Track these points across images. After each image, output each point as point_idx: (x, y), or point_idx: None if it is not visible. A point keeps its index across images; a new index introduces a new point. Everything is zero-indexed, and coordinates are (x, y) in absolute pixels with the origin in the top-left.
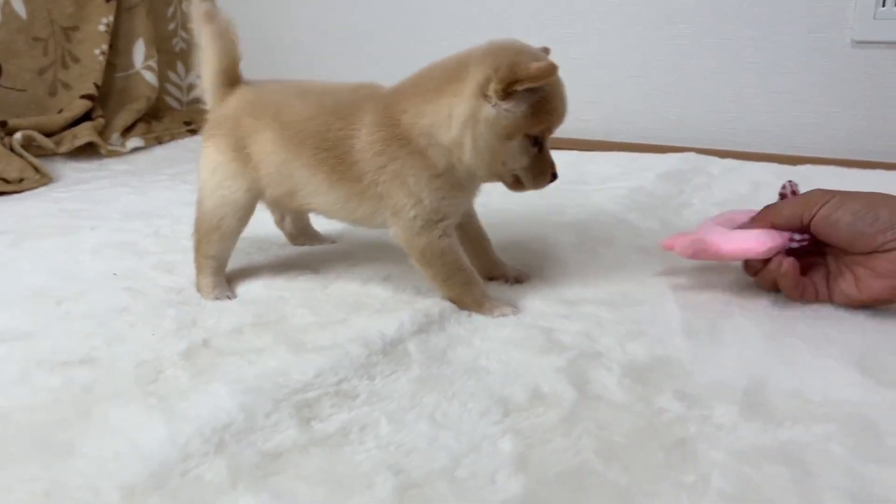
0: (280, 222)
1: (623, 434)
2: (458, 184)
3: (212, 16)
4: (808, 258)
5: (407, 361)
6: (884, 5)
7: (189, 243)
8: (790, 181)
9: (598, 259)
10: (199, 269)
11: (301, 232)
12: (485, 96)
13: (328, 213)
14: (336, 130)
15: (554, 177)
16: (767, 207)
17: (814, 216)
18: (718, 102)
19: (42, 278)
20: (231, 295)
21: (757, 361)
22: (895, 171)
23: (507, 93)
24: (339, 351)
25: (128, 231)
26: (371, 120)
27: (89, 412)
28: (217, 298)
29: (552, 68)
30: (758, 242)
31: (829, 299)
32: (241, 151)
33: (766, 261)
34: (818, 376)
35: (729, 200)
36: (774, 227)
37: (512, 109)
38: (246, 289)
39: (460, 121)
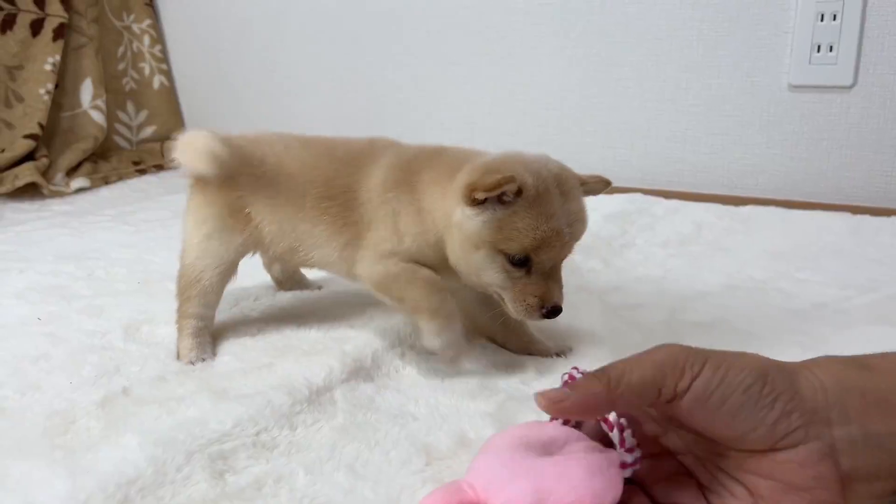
0: (268, 267)
1: None
2: (445, 265)
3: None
4: (659, 468)
5: (332, 410)
6: (819, 51)
7: (123, 286)
8: (576, 367)
9: None
10: (180, 330)
11: (288, 278)
12: (458, 198)
13: (327, 267)
14: (345, 177)
15: (548, 312)
16: (599, 372)
17: (682, 393)
18: (662, 144)
19: None
20: (209, 357)
21: None
22: (835, 212)
23: (471, 199)
24: (262, 399)
25: (58, 274)
26: (388, 163)
27: None
28: (192, 363)
29: (506, 180)
30: (591, 495)
31: None
32: (235, 210)
33: None
34: None
35: (671, 240)
36: (614, 403)
37: (472, 217)
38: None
39: (447, 216)
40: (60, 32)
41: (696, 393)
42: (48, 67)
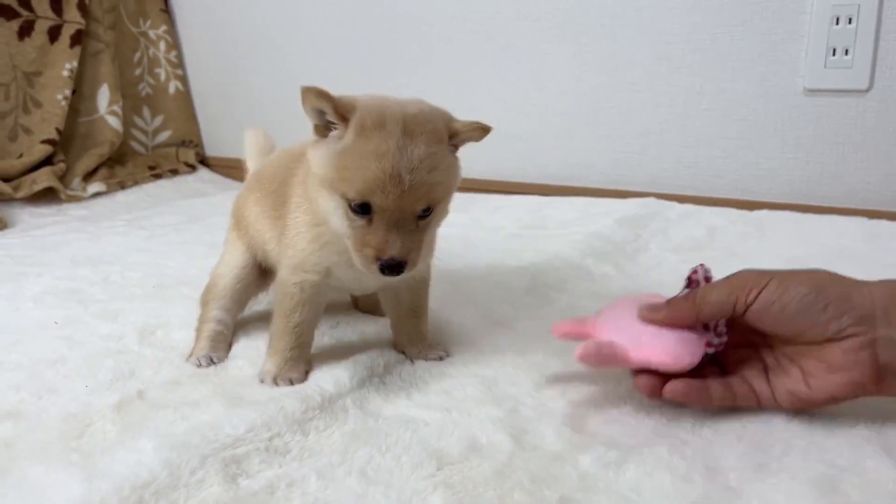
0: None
1: (555, 487)
2: (341, 247)
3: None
4: (736, 351)
5: (344, 416)
6: (834, 54)
7: (138, 290)
8: (702, 265)
9: (550, 304)
10: (198, 333)
11: (366, 298)
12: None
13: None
14: (283, 169)
15: (383, 265)
16: (690, 293)
17: (751, 304)
18: (675, 148)
19: None
20: (217, 359)
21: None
22: (850, 217)
23: (315, 129)
24: (275, 405)
25: (74, 278)
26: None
27: (7, 469)
28: (198, 363)
29: (323, 97)
30: (673, 357)
31: (773, 401)
32: (239, 220)
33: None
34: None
35: (684, 245)
36: (699, 317)
37: (314, 149)
38: (188, 337)
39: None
40: (78, 39)
41: (760, 303)
42: (65, 73)
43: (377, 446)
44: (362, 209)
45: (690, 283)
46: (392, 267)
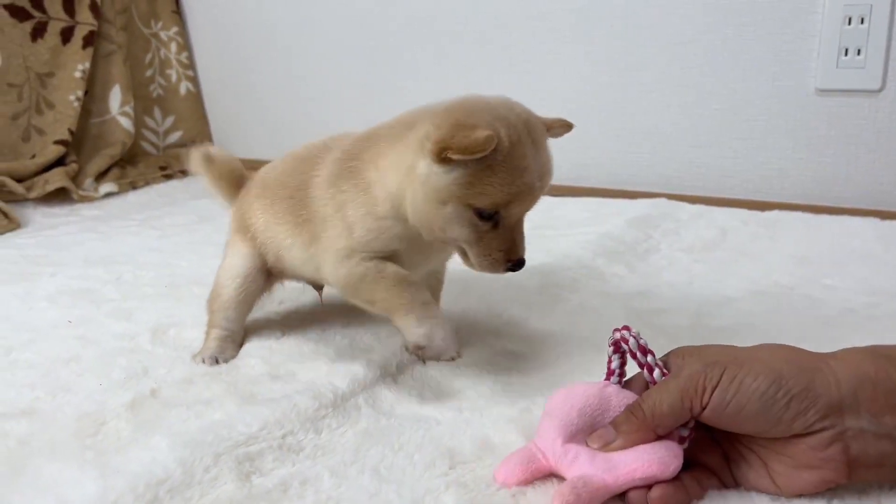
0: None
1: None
2: (406, 236)
3: (210, 159)
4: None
5: (356, 414)
6: (846, 54)
7: (150, 290)
8: (627, 327)
9: (562, 303)
10: (206, 336)
11: None
12: (423, 152)
13: (300, 271)
14: (299, 174)
15: (513, 265)
16: (636, 410)
17: (705, 406)
18: (686, 148)
19: None
20: (223, 359)
21: None
22: (862, 218)
23: (439, 157)
24: (288, 403)
25: (87, 277)
26: (332, 158)
27: (23, 467)
28: (203, 361)
29: (487, 142)
30: (659, 465)
31: (735, 485)
32: (242, 225)
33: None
34: None
35: (696, 246)
36: (655, 434)
37: (442, 174)
38: (200, 336)
39: (402, 170)
40: (90, 40)
41: (714, 406)
42: (78, 74)
43: (390, 445)
44: (490, 217)
45: (616, 349)
46: (519, 264)
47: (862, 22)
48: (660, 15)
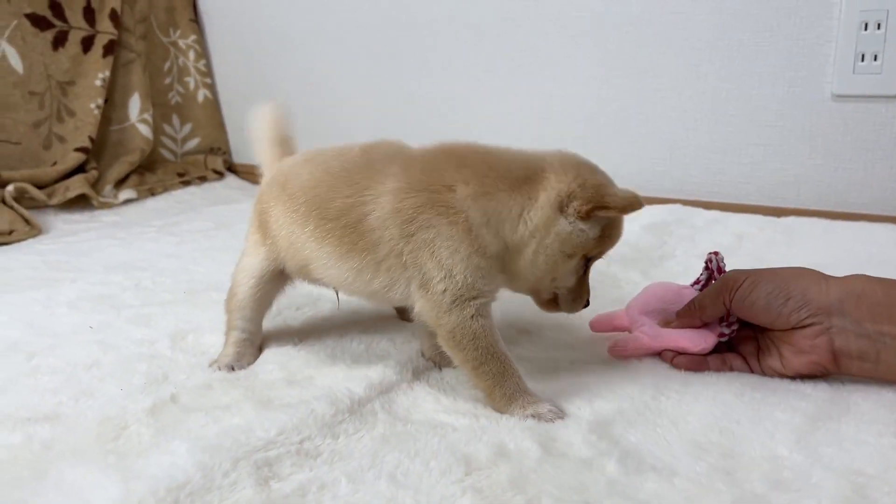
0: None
1: (582, 494)
2: (501, 273)
3: (280, 120)
4: (742, 331)
5: (373, 420)
6: (863, 60)
7: (169, 296)
8: (716, 253)
9: None
10: (226, 339)
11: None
12: (562, 210)
13: (343, 287)
14: (343, 198)
15: (587, 304)
16: (691, 303)
17: (731, 300)
18: (702, 154)
19: (16, 332)
20: (239, 367)
21: (727, 418)
22: (879, 224)
23: (588, 215)
24: (305, 408)
25: (107, 283)
26: (397, 187)
27: (46, 470)
28: (220, 368)
29: (638, 204)
30: (690, 343)
31: (761, 372)
32: (262, 223)
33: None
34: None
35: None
36: (702, 320)
37: (586, 231)
38: (219, 341)
39: (531, 227)
40: (110, 49)
41: (735, 300)
42: (98, 83)
43: (406, 451)
44: (587, 263)
45: (707, 268)
46: (588, 303)
47: (878, 27)
48: (675, 20)
